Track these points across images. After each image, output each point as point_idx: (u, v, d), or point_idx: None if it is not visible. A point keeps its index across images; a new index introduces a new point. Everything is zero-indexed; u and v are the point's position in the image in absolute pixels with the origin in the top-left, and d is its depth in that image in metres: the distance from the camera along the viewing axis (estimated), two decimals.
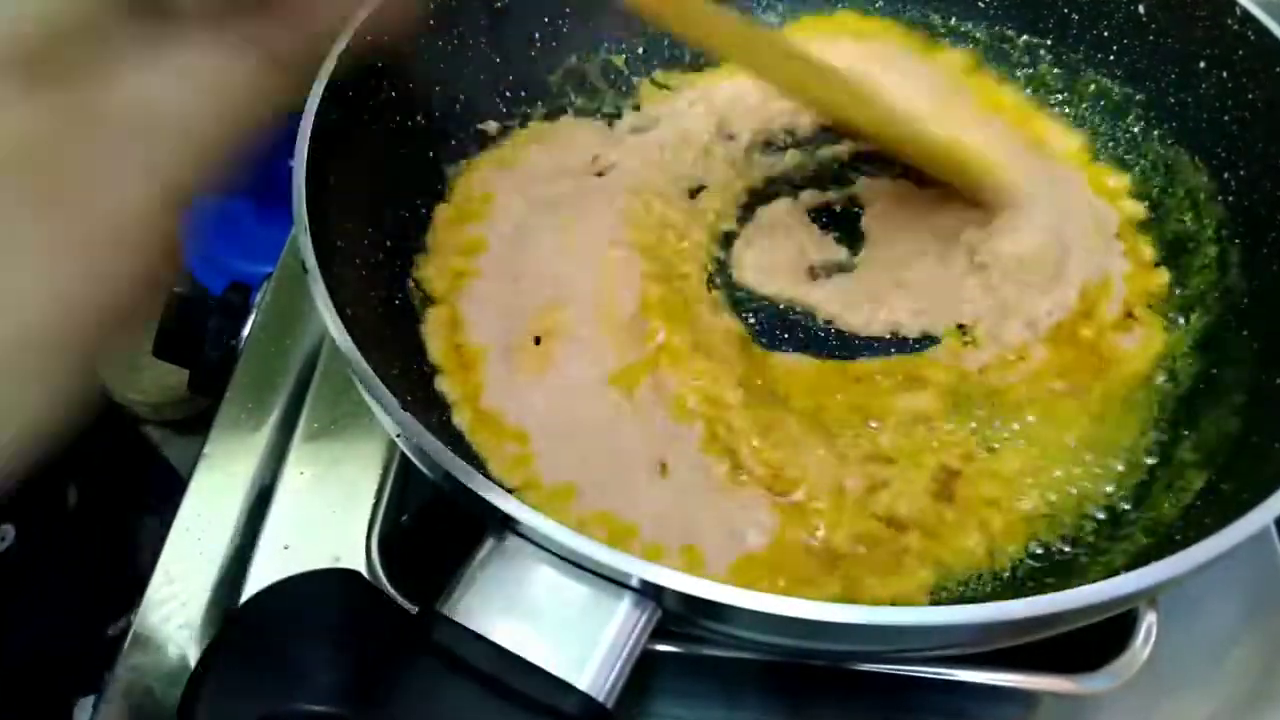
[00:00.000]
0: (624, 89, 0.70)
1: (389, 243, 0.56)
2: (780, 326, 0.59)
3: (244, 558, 0.56)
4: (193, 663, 0.51)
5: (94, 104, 0.28)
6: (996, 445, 0.53)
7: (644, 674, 0.46)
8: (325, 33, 0.33)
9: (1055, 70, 0.68)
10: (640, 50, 0.71)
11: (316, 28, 0.32)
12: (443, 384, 0.53)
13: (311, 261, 0.44)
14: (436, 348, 0.55)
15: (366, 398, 0.42)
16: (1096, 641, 0.51)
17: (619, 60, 0.70)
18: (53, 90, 0.28)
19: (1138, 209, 0.63)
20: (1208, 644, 0.52)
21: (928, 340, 0.58)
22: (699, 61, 0.71)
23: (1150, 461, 0.52)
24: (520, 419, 0.52)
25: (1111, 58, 0.65)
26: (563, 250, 0.58)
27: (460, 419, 0.52)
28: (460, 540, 0.39)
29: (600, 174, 0.64)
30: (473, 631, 0.37)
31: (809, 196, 0.65)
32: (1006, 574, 0.49)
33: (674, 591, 0.35)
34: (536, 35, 0.67)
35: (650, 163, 0.64)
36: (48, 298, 0.27)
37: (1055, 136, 0.67)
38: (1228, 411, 0.51)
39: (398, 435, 0.41)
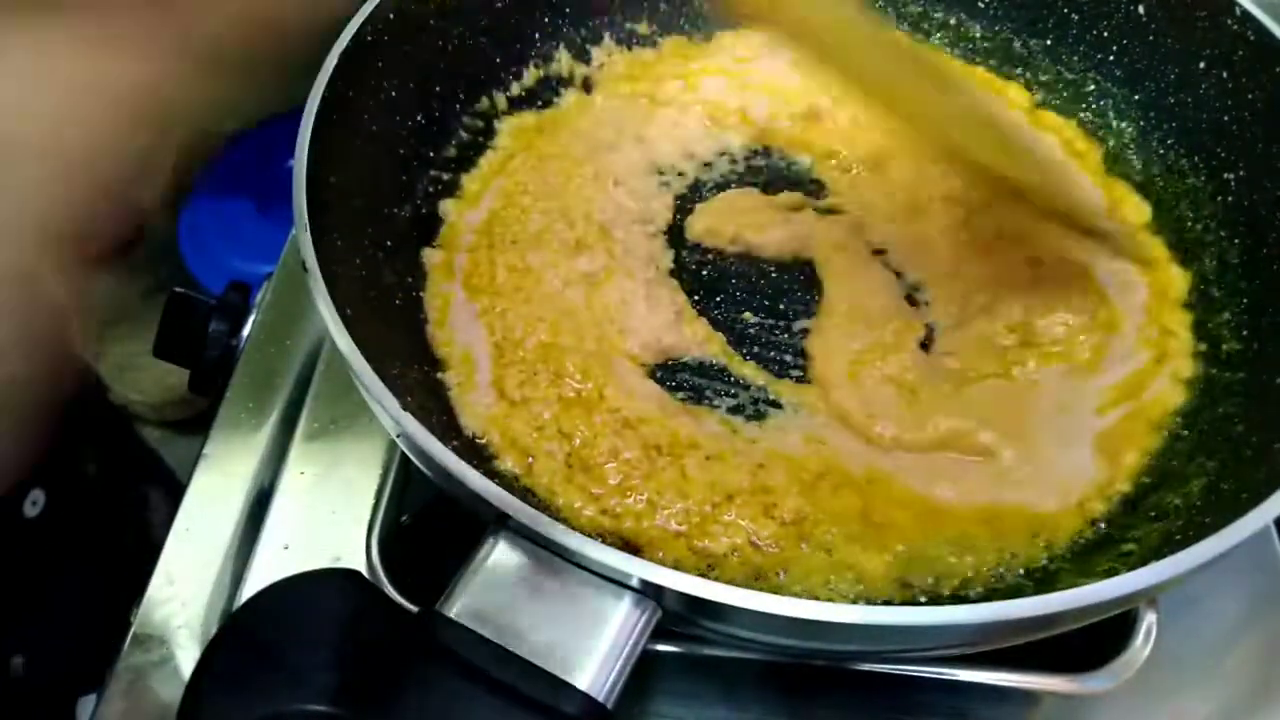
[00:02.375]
0: None
1: (389, 242, 0.56)
2: None
3: (244, 558, 0.56)
4: (193, 662, 0.51)
5: None
6: None
7: (644, 674, 0.47)
8: (209, 14, 0.24)
9: (1055, 70, 0.68)
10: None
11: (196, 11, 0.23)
12: (426, 290, 0.57)
13: (311, 261, 0.44)
14: (434, 260, 0.59)
15: (366, 398, 0.42)
16: (1097, 641, 0.51)
17: None
18: None
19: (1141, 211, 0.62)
20: (1208, 644, 0.52)
21: None
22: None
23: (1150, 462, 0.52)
24: (466, 343, 0.55)
25: (1111, 58, 0.65)
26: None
27: (430, 327, 0.56)
28: (460, 540, 0.39)
29: None
30: (473, 631, 0.37)
31: None
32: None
33: (674, 591, 0.36)
34: (536, 35, 0.67)
35: None
36: None
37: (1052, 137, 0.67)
38: (1228, 411, 0.51)
39: (398, 435, 0.41)
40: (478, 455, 0.51)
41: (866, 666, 0.50)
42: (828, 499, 0.49)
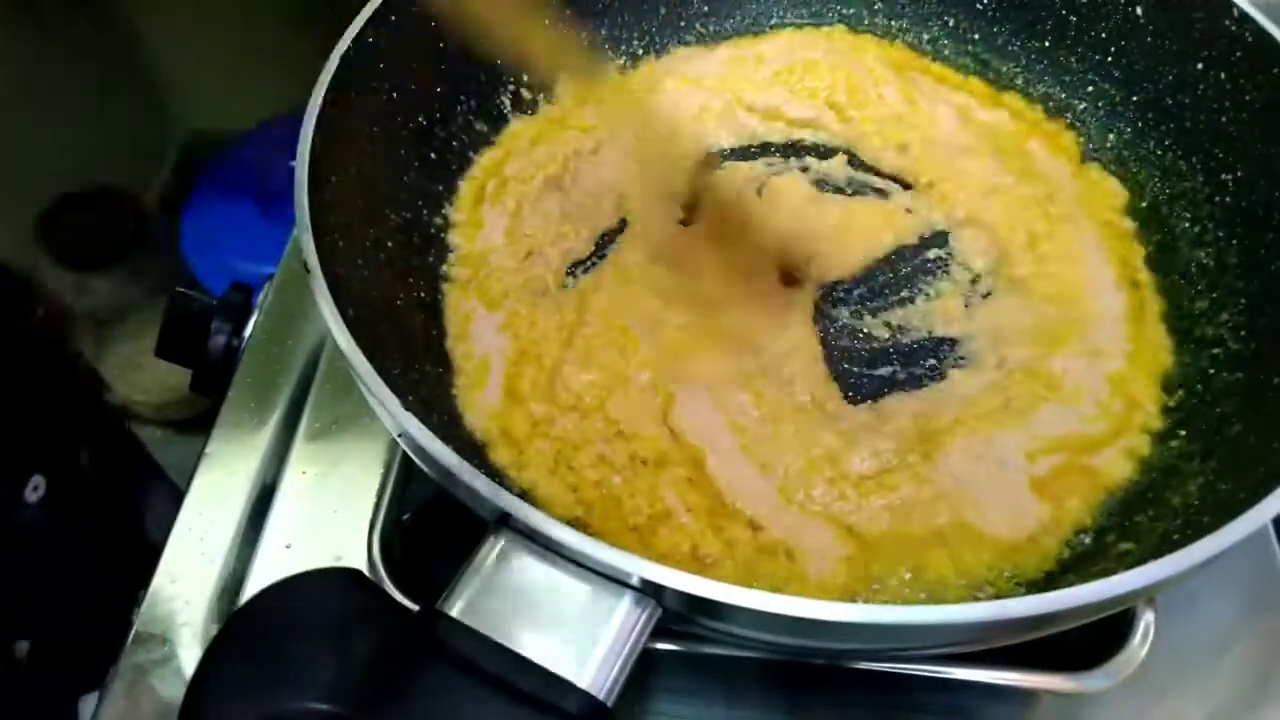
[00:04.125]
0: None
1: (390, 243, 0.56)
2: None
3: (246, 557, 0.56)
4: (195, 661, 0.51)
5: None
6: None
7: (644, 672, 0.47)
8: None
9: (1053, 71, 0.68)
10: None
11: None
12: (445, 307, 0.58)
13: (313, 261, 0.44)
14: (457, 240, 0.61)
15: (368, 397, 0.42)
16: (1095, 640, 0.52)
17: None
18: None
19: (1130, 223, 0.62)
20: (1205, 642, 0.52)
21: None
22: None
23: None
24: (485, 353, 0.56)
25: (1110, 59, 0.66)
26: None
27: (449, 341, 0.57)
28: (461, 539, 0.39)
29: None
30: (474, 630, 0.37)
31: None
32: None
33: (674, 590, 0.36)
34: None
35: None
36: None
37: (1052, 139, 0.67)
38: (1226, 412, 0.51)
39: (399, 435, 0.41)
40: (474, 449, 0.51)
41: (866, 665, 0.50)
42: None
